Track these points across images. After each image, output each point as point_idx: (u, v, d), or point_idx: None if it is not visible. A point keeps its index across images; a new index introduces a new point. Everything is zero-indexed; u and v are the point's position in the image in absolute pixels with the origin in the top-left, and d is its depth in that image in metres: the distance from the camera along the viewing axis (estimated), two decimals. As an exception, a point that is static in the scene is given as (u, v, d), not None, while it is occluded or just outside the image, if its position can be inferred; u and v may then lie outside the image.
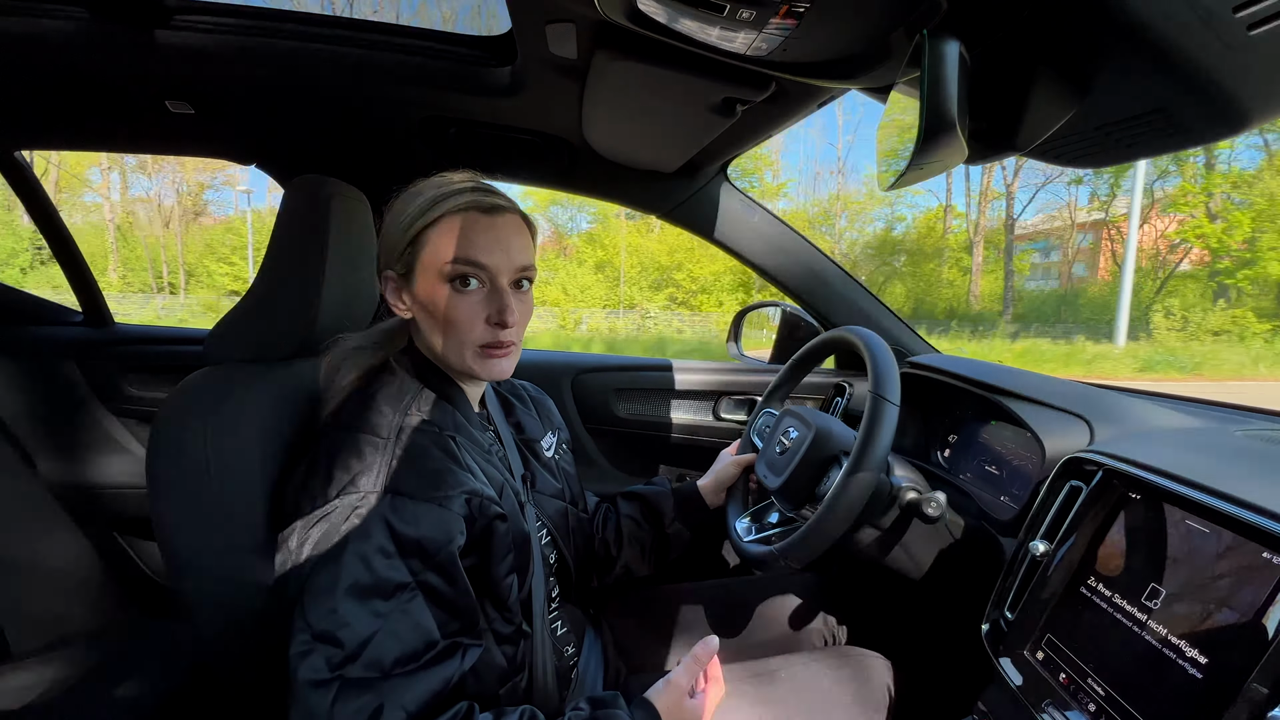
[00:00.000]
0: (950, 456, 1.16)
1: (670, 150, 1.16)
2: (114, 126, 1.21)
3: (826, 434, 0.89)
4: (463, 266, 0.67)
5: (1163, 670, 0.57)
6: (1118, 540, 0.68)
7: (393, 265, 0.71)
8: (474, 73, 1.05)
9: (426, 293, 0.69)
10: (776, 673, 0.91)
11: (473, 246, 0.67)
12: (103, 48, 0.98)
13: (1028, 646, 0.72)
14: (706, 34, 0.64)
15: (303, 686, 0.56)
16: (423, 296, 0.70)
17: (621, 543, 1.00)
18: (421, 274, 0.69)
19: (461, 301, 0.68)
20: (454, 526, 0.62)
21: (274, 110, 1.18)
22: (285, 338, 0.78)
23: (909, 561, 0.93)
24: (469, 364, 0.71)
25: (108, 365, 1.45)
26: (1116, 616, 0.63)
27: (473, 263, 0.68)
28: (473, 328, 0.69)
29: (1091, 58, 0.48)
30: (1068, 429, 0.87)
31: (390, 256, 0.71)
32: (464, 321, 0.68)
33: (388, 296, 0.73)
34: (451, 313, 0.68)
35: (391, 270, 0.72)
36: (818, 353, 1.06)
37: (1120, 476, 0.68)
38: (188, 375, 0.73)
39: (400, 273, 0.71)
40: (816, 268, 1.40)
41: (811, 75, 0.69)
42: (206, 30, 0.98)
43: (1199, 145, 0.54)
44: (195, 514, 0.67)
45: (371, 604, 0.57)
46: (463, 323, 0.69)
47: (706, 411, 1.53)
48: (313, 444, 0.68)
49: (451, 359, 0.71)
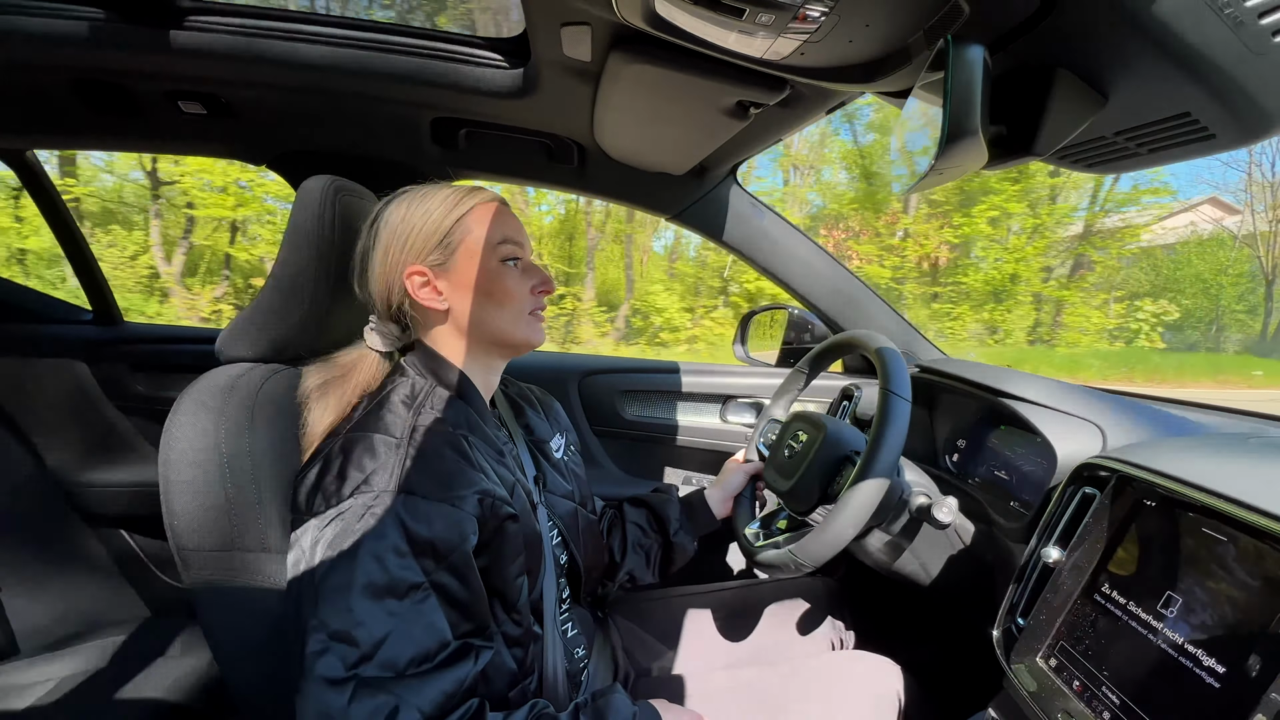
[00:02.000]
0: (959, 461, 1.15)
1: (681, 153, 1.16)
2: (126, 126, 1.21)
3: (837, 435, 0.89)
4: (510, 246, 0.76)
5: (1180, 679, 0.56)
6: (1132, 547, 0.67)
7: (420, 259, 0.72)
8: (486, 74, 1.05)
9: (481, 272, 0.74)
10: (784, 677, 0.90)
11: (510, 229, 0.77)
12: (115, 47, 0.99)
13: (1040, 653, 0.71)
14: (724, 37, 0.64)
15: (318, 685, 0.56)
16: (477, 276, 0.74)
17: (626, 550, 1.00)
18: (466, 257, 0.74)
19: (514, 274, 0.76)
20: (467, 527, 0.63)
21: (286, 111, 1.18)
22: (297, 338, 0.78)
23: (918, 566, 0.92)
24: (523, 330, 0.78)
25: (117, 364, 1.46)
26: (1131, 624, 0.63)
27: (515, 242, 0.77)
28: (525, 296, 0.77)
29: (1115, 62, 0.48)
30: (1079, 434, 0.87)
31: (418, 251, 0.72)
32: (519, 291, 0.77)
33: (415, 292, 0.73)
34: (510, 284, 0.76)
35: (419, 264, 0.72)
36: (826, 355, 1.06)
37: (1134, 483, 0.68)
38: (198, 374, 0.73)
39: (435, 263, 0.73)
40: (825, 271, 1.40)
41: (828, 79, 0.69)
42: (219, 31, 0.99)
43: (1224, 151, 0.53)
44: (206, 514, 0.67)
45: (386, 603, 0.57)
46: (519, 292, 0.77)
47: (713, 414, 1.53)
48: (326, 444, 0.68)
49: (507, 328, 0.77)
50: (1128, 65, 0.48)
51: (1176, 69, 0.45)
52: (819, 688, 0.88)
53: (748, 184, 1.40)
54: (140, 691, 1.04)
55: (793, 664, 0.94)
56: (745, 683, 0.91)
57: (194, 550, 0.67)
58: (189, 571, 0.68)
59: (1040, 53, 0.52)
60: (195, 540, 0.67)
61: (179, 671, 1.09)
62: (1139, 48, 0.45)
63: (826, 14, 0.54)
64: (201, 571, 0.68)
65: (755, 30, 0.59)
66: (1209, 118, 0.50)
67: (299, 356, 0.80)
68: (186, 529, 0.67)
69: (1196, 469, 0.64)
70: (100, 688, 1.05)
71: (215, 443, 0.68)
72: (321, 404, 0.73)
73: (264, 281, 0.78)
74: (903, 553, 0.90)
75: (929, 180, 0.53)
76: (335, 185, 0.77)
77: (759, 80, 0.81)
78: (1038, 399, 0.95)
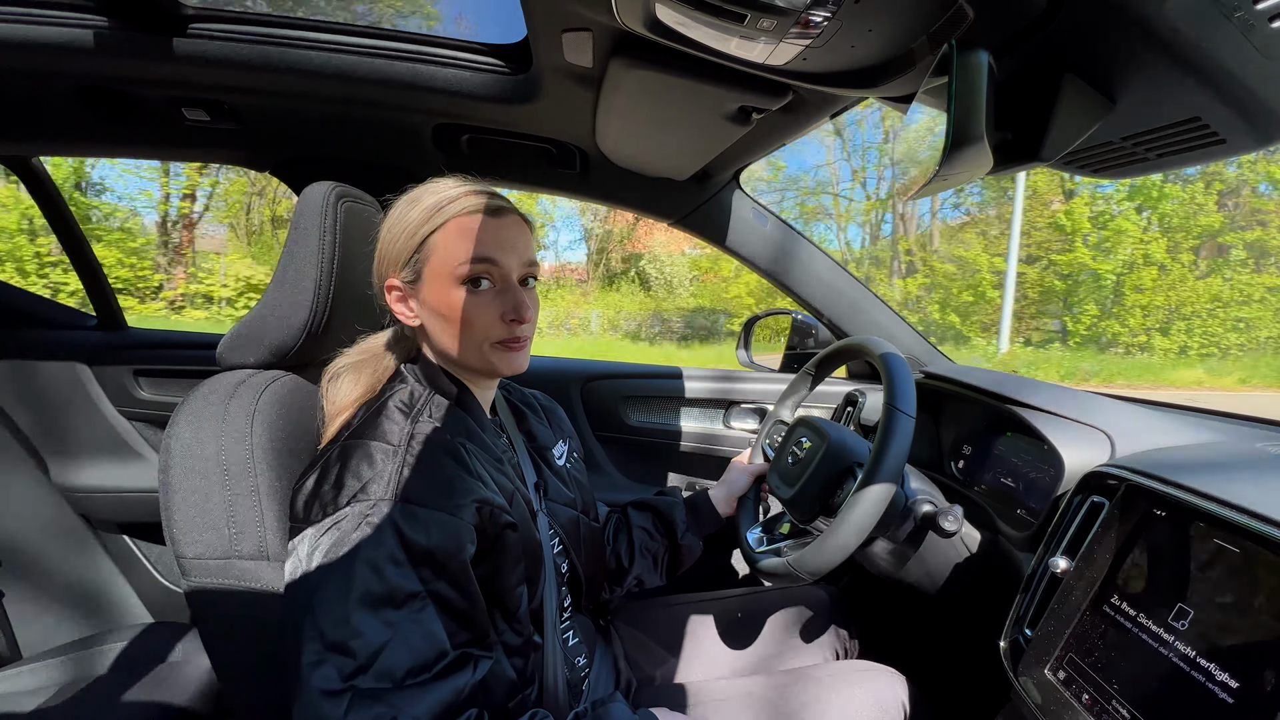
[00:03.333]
0: (965, 468, 1.14)
1: (684, 158, 1.16)
2: (130, 133, 1.21)
3: (840, 445, 0.88)
4: (477, 267, 0.69)
5: (1192, 693, 0.55)
6: (1141, 558, 0.66)
7: (396, 273, 0.71)
8: (488, 80, 1.05)
9: (439, 296, 0.70)
10: (787, 686, 0.89)
11: (484, 246, 0.69)
12: (120, 55, 0.99)
13: (1048, 665, 0.70)
14: (725, 43, 0.63)
15: (315, 696, 0.55)
16: (434, 300, 0.70)
17: (633, 554, 1.00)
18: (431, 278, 0.70)
19: (476, 301, 0.70)
20: (465, 535, 0.62)
21: (289, 117, 1.18)
22: (298, 344, 0.78)
23: (923, 575, 0.91)
24: (489, 361, 0.72)
25: (121, 369, 1.46)
26: (1142, 637, 0.62)
27: (486, 260, 0.69)
28: (490, 326, 0.70)
29: (1122, 66, 0.47)
30: (1087, 442, 0.86)
31: (393, 264, 0.71)
32: (481, 321, 0.70)
33: (393, 306, 0.73)
34: (469, 313, 0.69)
35: (395, 278, 0.72)
36: (832, 360, 1.05)
37: (1144, 492, 0.67)
38: (201, 380, 0.73)
39: (407, 280, 0.71)
40: (829, 276, 1.40)
41: (831, 84, 0.68)
42: (221, 39, 0.99)
43: (1233, 155, 0.52)
44: (205, 520, 0.67)
45: (383, 613, 0.57)
46: (480, 322, 0.70)
47: (717, 420, 1.52)
48: (324, 451, 0.68)
49: (471, 359, 0.72)
50: (1136, 69, 0.47)
51: (1186, 73, 0.44)
52: (823, 697, 0.87)
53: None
54: (143, 696, 1.04)
55: (796, 673, 0.93)
56: (748, 691, 0.90)
57: (193, 557, 0.67)
58: (188, 578, 0.68)
59: (1046, 57, 0.51)
60: (195, 547, 0.67)
61: (182, 677, 1.08)
62: (1147, 52, 0.44)
63: (829, 19, 0.54)
64: (200, 578, 0.67)
65: (757, 35, 0.59)
66: (1219, 122, 0.49)
67: (299, 362, 0.80)
68: (186, 536, 0.67)
69: (1207, 478, 0.63)
70: (104, 693, 1.05)
71: (215, 450, 0.68)
72: (354, 377, 0.73)
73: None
74: (908, 561, 0.89)
75: (933, 186, 0.52)
76: (337, 191, 0.77)
77: (761, 85, 0.81)
78: (1044, 405, 0.93)
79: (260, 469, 0.69)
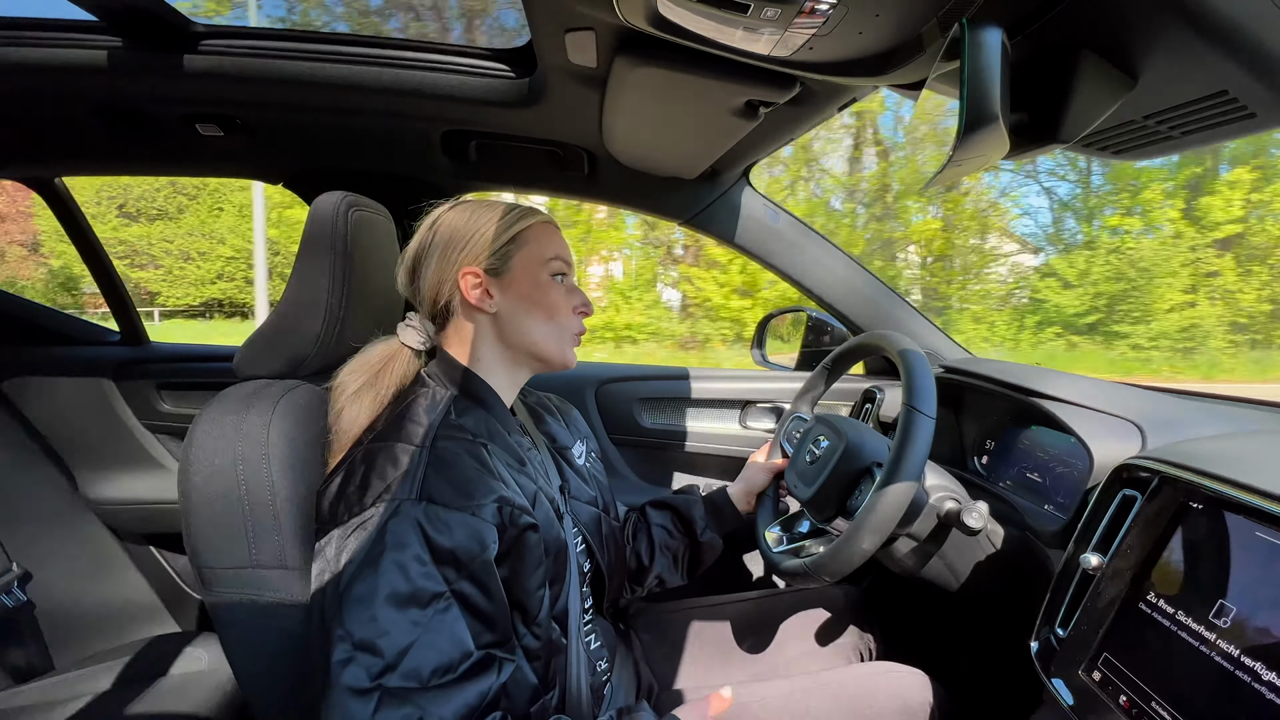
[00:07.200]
0: (989, 463, 1.11)
1: (692, 156, 1.15)
2: (146, 150, 1.24)
3: (858, 445, 0.86)
4: (562, 264, 0.79)
5: (1236, 694, 0.53)
6: (1178, 553, 0.64)
7: (477, 262, 0.74)
8: (494, 85, 1.05)
9: (528, 283, 0.76)
10: (810, 689, 0.88)
11: (563, 249, 0.80)
12: (134, 74, 1.01)
13: (1082, 666, 0.68)
14: (729, 36, 0.62)
15: (344, 694, 0.55)
16: (526, 285, 0.76)
17: (654, 553, 0.99)
18: (521, 266, 0.76)
19: (561, 291, 0.79)
20: (487, 535, 0.62)
21: (299, 130, 1.19)
22: (313, 354, 0.78)
23: (947, 573, 0.89)
24: (562, 348, 0.79)
25: (144, 383, 1.49)
26: (1181, 635, 0.59)
27: (565, 261, 0.80)
28: (569, 314, 0.80)
29: (1144, 41, 0.45)
30: (1116, 434, 0.83)
31: (476, 254, 0.75)
32: (564, 308, 0.79)
33: (467, 291, 0.74)
34: (557, 298, 0.78)
35: (475, 267, 0.74)
36: (849, 356, 1.03)
37: (1178, 484, 0.64)
38: (219, 391, 0.74)
39: (491, 267, 0.75)
40: (843, 272, 1.37)
41: (839, 74, 0.67)
42: (231, 54, 1.01)
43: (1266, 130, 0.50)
44: (224, 530, 0.67)
45: (409, 613, 0.57)
46: (563, 309, 0.79)
47: (733, 420, 1.51)
48: (349, 454, 0.68)
49: (547, 343, 0.78)
50: (1159, 44, 0.45)
51: (1212, 45, 0.42)
52: (846, 700, 0.85)
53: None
54: (172, 707, 1.05)
55: (818, 676, 0.91)
56: (769, 696, 0.88)
57: (213, 567, 0.68)
58: (209, 588, 0.68)
59: (1062, 34, 0.49)
60: (214, 557, 0.68)
61: (209, 686, 1.10)
62: (1171, 24, 0.42)
63: (834, 6, 0.53)
64: (221, 588, 0.68)
65: (761, 27, 0.58)
66: (1249, 95, 0.46)
67: (316, 372, 0.81)
68: (205, 546, 0.68)
69: (1245, 468, 0.60)
70: (134, 702, 1.07)
71: (232, 460, 0.68)
72: (356, 404, 0.74)
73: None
74: (930, 559, 0.86)
75: (948, 173, 0.50)
76: (348, 201, 0.77)
77: (768, 79, 0.79)
78: (1070, 397, 0.91)
79: (277, 479, 0.69)
